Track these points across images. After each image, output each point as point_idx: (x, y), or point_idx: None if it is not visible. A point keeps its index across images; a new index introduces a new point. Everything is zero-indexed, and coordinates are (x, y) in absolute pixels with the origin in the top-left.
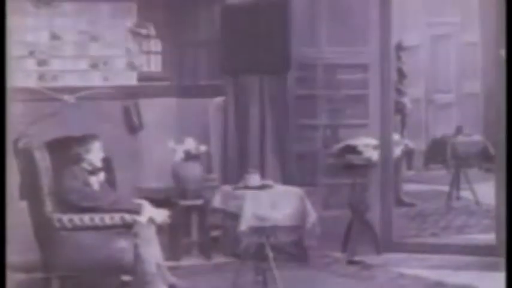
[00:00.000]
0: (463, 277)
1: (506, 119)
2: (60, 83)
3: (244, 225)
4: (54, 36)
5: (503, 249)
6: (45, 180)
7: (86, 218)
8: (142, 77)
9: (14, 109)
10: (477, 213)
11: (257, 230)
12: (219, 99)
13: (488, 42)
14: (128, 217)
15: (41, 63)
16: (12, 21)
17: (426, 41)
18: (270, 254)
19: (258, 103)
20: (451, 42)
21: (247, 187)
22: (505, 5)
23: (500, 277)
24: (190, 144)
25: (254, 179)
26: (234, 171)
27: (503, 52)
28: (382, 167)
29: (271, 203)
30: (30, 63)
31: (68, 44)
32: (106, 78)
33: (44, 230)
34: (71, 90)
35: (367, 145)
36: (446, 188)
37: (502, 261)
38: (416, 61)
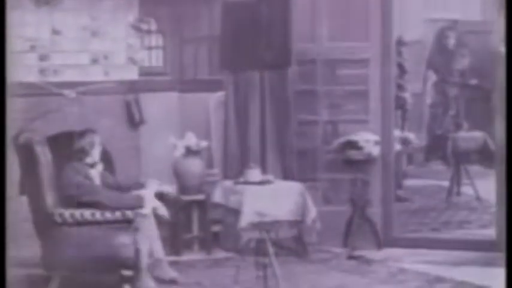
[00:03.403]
0: (463, 272)
1: (506, 115)
2: (61, 77)
3: (244, 221)
4: (55, 31)
5: (503, 245)
6: (46, 175)
7: (87, 213)
8: (143, 72)
9: (15, 104)
10: (478, 208)
11: (257, 225)
12: (219, 95)
13: (488, 38)
14: (129, 212)
15: (42, 57)
16: (13, 17)
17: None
18: (271, 249)
19: (259, 98)
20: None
21: (247, 182)
22: (505, 2)
23: (501, 272)
24: (191, 139)
25: (255, 174)
26: (234, 167)
27: (503, 49)
28: (382, 162)
29: (271, 198)
30: (31, 58)
31: (69, 39)
32: (107, 73)
33: (45, 225)
34: (72, 85)
35: (368, 140)
36: (447, 183)
37: (502, 256)
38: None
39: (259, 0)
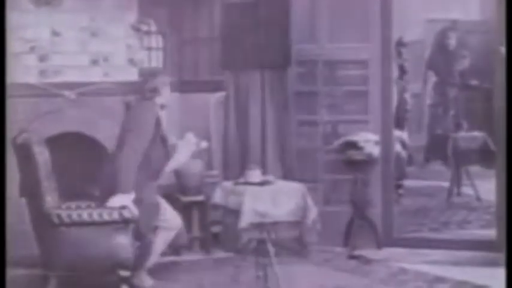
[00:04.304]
0: (463, 272)
1: (506, 115)
2: (61, 78)
3: (244, 221)
4: (55, 32)
5: (503, 245)
6: (44, 176)
7: (85, 214)
8: (143, 73)
9: (14, 105)
10: (478, 208)
11: (258, 226)
12: (219, 95)
13: (487, 38)
14: (126, 212)
15: (42, 58)
16: (12, 18)
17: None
18: (271, 250)
19: (259, 99)
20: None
21: (248, 183)
22: (505, 2)
23: (500, 272)
24: (190, 140)
25: (255, 174)
26: (234, 167)
27: (503, 49)
28: (382, 162)
29: (271, 199)
30: (31, 59)
31: (68, 40)
32: (107, 74)
33: (42, 226)
34: (72, 86)
35: (368, 141)
36: (447, 184)
37: (502, 256)
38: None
39: (259, 0)
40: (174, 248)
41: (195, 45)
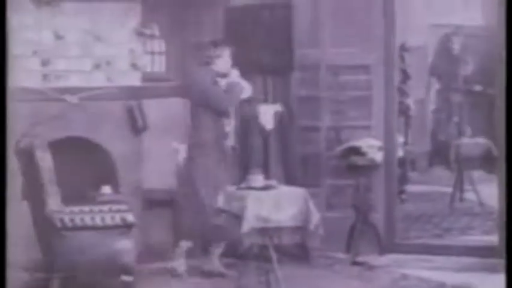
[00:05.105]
0: (465, 278)
1: (506, 120)
2: (64, 83)
3: (247, 226)
4: (58, 36)
5: (503, 251)
6: (47, 180)
7: (87, 218)
8: (146, 78)
9: (17, 109)
10: (480, 214)
11: (260, 231)
12: None
13: (491, 44)
14: (129, 217)
15: (44, 63)
16: (15, 21)
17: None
18: (273, 255)
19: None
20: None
21: (250, 188)
22: (505, 5)
23: (502, 279)
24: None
25: (257, 179)
26: (237, 172)
27: (503, 53)
28: (385, 168)
29: (274, 204)
30: (34, 63)
31: (71, 44)
32: (109, 79)
33: (45, 229)
34: (74, 90)
35: (371, 146)
36: (450, 189)
37: (501, 262)
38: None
39: (262, 5)
40: None
41: (198, 49)
